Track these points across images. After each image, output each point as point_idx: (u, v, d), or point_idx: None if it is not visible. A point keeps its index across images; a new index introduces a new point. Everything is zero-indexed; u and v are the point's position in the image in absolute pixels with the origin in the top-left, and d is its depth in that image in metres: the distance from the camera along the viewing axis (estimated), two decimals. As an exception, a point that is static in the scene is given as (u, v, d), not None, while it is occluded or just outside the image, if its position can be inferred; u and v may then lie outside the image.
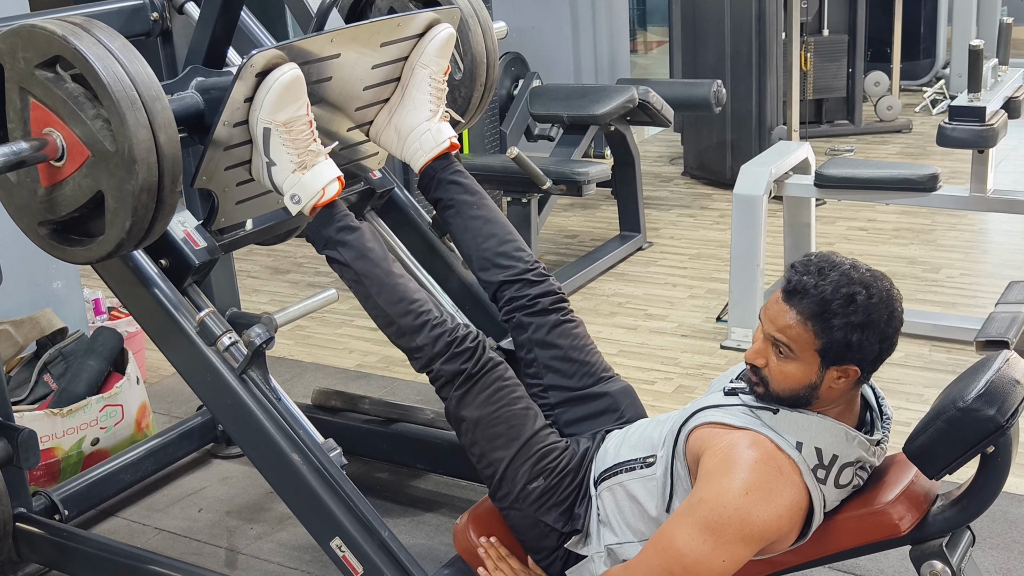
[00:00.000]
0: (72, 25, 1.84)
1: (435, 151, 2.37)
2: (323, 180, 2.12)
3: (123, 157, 1.82)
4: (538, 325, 2.32)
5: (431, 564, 2.55)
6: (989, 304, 3.85)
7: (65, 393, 3.18)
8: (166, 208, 1.92)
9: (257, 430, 2.13)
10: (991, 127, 3.65)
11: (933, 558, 1.90)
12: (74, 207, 1.93)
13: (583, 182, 4.33)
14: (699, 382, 3.62)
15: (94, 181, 1.88)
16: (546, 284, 2.36)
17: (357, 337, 4.22)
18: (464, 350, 2.11)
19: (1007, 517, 2.76)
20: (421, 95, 2.35)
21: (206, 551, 2.86)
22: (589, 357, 2.33)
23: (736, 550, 1.82)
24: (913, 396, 3.25)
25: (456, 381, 2.11)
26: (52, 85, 1.85)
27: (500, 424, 2.11)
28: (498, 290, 2.36)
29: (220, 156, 2.10)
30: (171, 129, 1.87)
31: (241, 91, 2.03)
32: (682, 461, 1.97)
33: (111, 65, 1.81)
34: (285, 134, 2.07)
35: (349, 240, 2.15)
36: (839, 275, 1.84)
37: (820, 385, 1.87)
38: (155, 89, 1.85)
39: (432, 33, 2.34)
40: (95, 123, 1.83)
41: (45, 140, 1.88)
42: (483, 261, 2.37)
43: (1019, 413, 1.81)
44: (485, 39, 2.54)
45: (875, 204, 5.11)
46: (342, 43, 2.17)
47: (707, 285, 4.52)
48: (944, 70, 7.62)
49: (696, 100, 5.16)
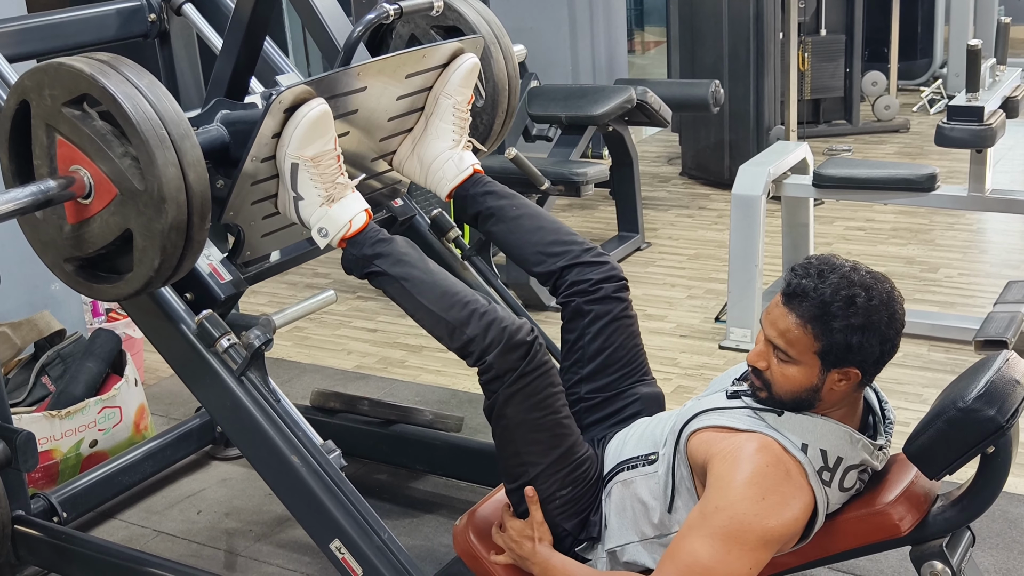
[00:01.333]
0: (99, 63, 1.81)
1: (458, 178, 2.35)
2: (350, 212, 2.09)
3: (152, 196, 1.80)
4: (597, 315, 2.26)
5: (430, 565, 2.55)
6: (987, 304, 3.86)
7: (63, 395, 3.18)
8: (195, 246, 1.90)
9: (256, 432, 2.13)
10: (989, 127, 3.65)
11: (933, 558, 1.90)
12: (101, 244, 1.91)
13: (581, 182, 4.32)
14: (698, 382, 3.62)
15: (122, 219, 1.85)
16: (607, 268, 2.29)
17: (356, 338, 4.22)
18: (519, 344, 1.99)
19: (1007, 517, 2.76)
20: (444, 124, 2.34)
21: (205, 553, 2.86)
22: (636, 357, 2.29)
23: (760, 555, 1.82)
24: (912, 396, 3.25)
25: (507, 378, 1.99)
26: (79, 123, 1.82)
27: (544, 431, 2.06)
28: (558, 278, 2.30)
29: (247, 191, 2.07)
30: (200, 167, 1.85)
31: (269, 127, 2.00)
32: (684, 462, 1.97)
33: (140, 103, 1.79)
34: (313, 169, 2.04)
35: (383, 251, 2.10)
36: (839, 277, 1.84)
37: (822, 388, 1.87)
38: (184, 127, 1.83)
39: (456, 63, 2.32)
40: (123, 161, 1.81)
41: (72, 178, 1.85)
42: (537, 255, 2.33)
43: (1019, 413, 1.81)
44: (507, 65, 2.53)
45: (873, 204, 5.11)
46: (368, 76, 2.16)
47: (705, 285, 4.52)
48: (942, 70, 7.63)
49: (694, 100, 5.16)
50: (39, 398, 3.29)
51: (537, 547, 2.06)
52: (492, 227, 2.38)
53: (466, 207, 2.39)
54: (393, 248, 2.11)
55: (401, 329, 4.19)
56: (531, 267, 2.36)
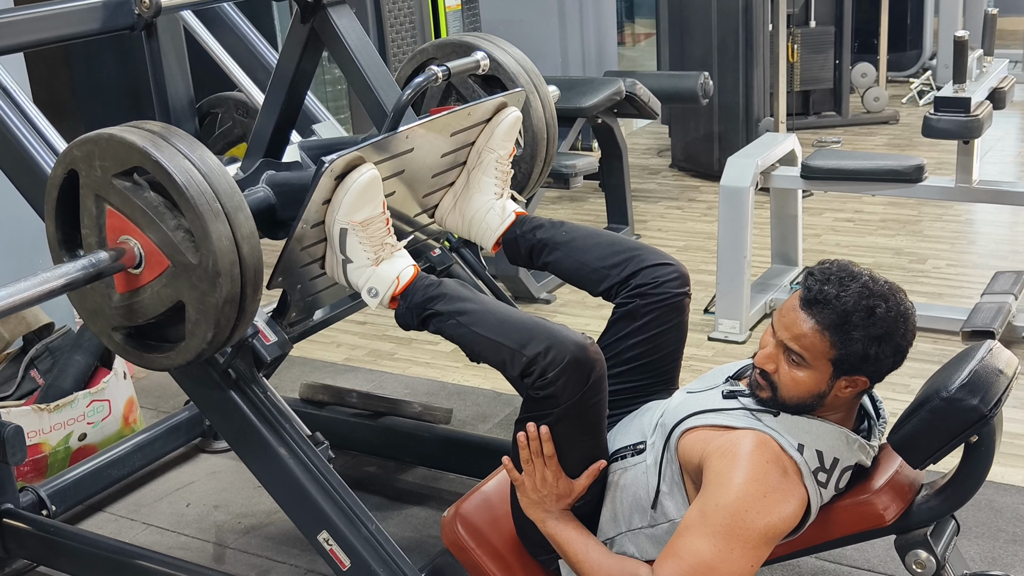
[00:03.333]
0: (151, 134, 1.80)
1: (502, 228, 2.32)
2: (397, 268, 2.07)
3: (207, 270, 1.78)
4: (651, 322, 2.17)
5: (419, 557, 2.55)
6: (975, 294, 3.87)
7: (52, 388, 3.18)
8: (247, 316, 1.89)
9: (243, 424, 2.13)
10: (976, 118, 3.66)
11: (918, 547, 1.92)
12: (152, 315, 1.89)
13: (570, 175, 4.33)
14: (687, 374, 3.61)
15: (175, 291, 1.84)
16: (673, 268, 2.21)
17: (345, 331, 4.22)
18: (584, 362, 1.88)
19: (993, 506, 2.77)
20: (487, 178, 2.32)
21: (194, 546, 2.86)
22: (672, 371, 2.24)
23: (761, 552, 1.83)
24: (899, 387, 3.25)
25: (564, 400, 1.90)
26: (131, 194, 1.80)
27: (583, 452, 2.01)
28: (622, 285, 2.21)
29: (296, 256, 2.06)
30: (254, 239, 1.83)
31: (320, 194, 1.99)
32: (674, 459, 1.97)
33: (194, 176, 1.77)
34: (362, 232, 2.02)
35: (435, 293, 2.05)
36: (860, 287, 1.84)
37: (828, 394, 1.88)
38: (237, 199, 1.81)
39: (499, 118, 2.30)
40: (176, 234, 1.79)
41: (123, 249, 1.84)
42: (599, 272, 2.24)
43: (1002, 402, 1.83)
44: (545, 113, 2.52)
45: (862, 195, 5.12)
46: (416, 137, 2.14)
47: (695, 277, 4.45)
48: (931, 61, 7.64)
49: (683, 92, 5.16)
50: (28, 392, 3.28)
51: (562, 505, 2.01)
52: (547, 258, 2.31)
53: (518, 248, 2.33)
54: (444, 289, 2.06)
55: (391, 322, 4.16)
56: (596, 284, 2.25)
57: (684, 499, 1.97)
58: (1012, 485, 2.87)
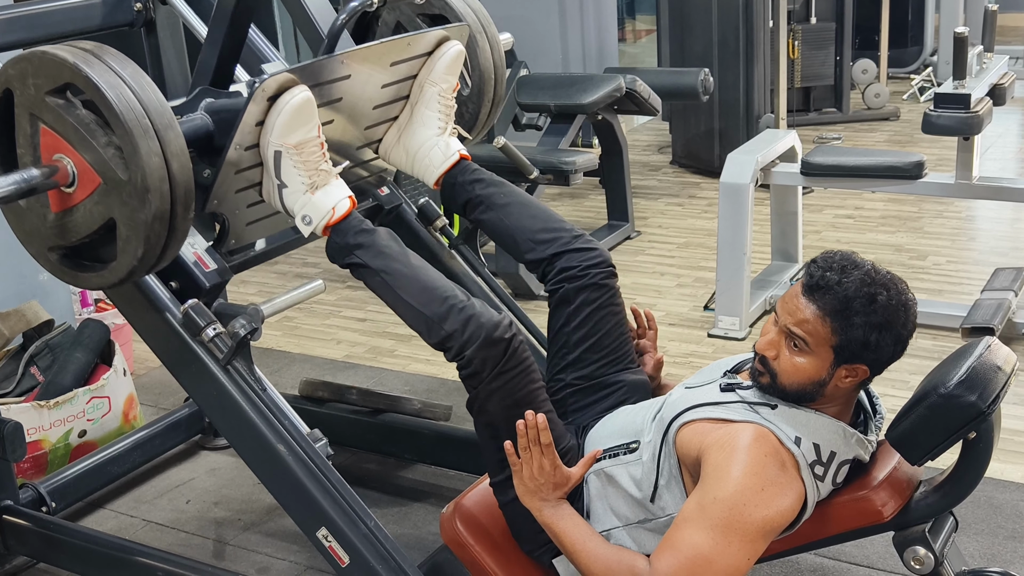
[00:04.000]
0: (83, 52, 1.81)
1: (445, 165, 2.36)
2: (333, 199, 2.10)
3: (136, 186, 1.79)
4: (583, 302, 2.26)
5: (418, 554, 2.55)
6: (975, 291, 3.87)
7: (52, 385, 3.18)
8: (178, 235, 1.90)
9: (242, 421, 2.13)
10: (976, 114, 3.65)
11: (916, 544, 1.92)
12: (85, 233, 1.91)
13: (570, 171, 4.32)
14: (686, 370, 3.63)
15: (106, 208, 1.85)
16: (596, 254, 2.29)
17: (345, 328, 4.22)
18: (498, 340, 1.99)
19: (992, 502, 2.77)
20: (430, 112, 2.34)
21: (194, 542, 2.87)
22: (622, 346, 2.30)
23: (758, 545, 1.83)
24: (899, 383, 3.26)
25: (487, 374, 2.00)
26: (63, 112, 1.82)
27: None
28: (548, 265, 2.30)
29: (231, 179, 2.07)
30: (184, 157, 1.85)
31: (253, 115, 2.00)
32: (672, 453, 1.97)
33: (124, 93, 1.78)
34: (296, 156, 2.04)
35: (364, 241, 2.10)
36: (862, 274, 1.85)
37: (828, 383, 1.88)
38: (167, 117, 1.83)
39: (441, 51, 2.32)
40: (107, 151, 1.80)
41: (56, 167, 1.85)
42: (527, 243, 2.33)
43: (1000, 399, 1.83)
44: (493, 54, 2.52)
45: (862, 192, 5.12)
46: (353, 64, 2.15)
47: (695, 274, 4.53)
48: (932, 57, 7.63)
49: (683, 89, 5.16)
50: (27, 388, 3.28)
51: (558, 494, 2.03)
52: (481, 215, 2.39)
53: (454, 195, 2.39)
54: (375, 240, 2.11)
55: (390, 318, 4.19)
56: (521, 255, 2.36)
57: (682, 493, 1.97)
58: (1011, 482, 2.87)
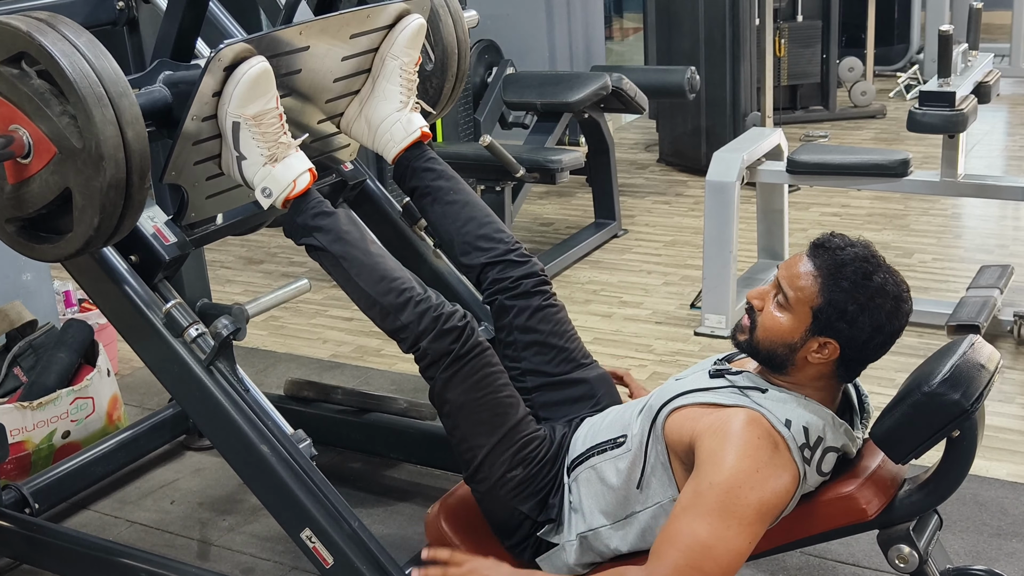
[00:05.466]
0: (37, 21, 1.81)
1: (406, 141, 2.36)
2: (294, 172, 2.10)
3: (90, 154, 1.80)
4: (520, 308, 2.30)
5: (403, 554, 2.54)
6: (961, 288, 3.88)
7: (35, 386, 3.16)
8: (135, 204, 1.90)
9: (225, 422, 2.12)
10: (960, 112, 3.66)
11: (900, 542, 1.92)
12: (42, 204, 1.91)
13: (557, 170, 4.32)
14: (673, 368, 3.63)
15: (61, 178, 1.86)
16: (528, 265, 2.35)
17: (331, 327, 4.21)
18: (452, 328, 2.06)
19: (976, 500, 2.77)
20: (392, 86, 2.34)
21: (178, 543, 2.85)
22: (569, 343, 2.33)
23: (757, 529, 1.83)
24: (885, 381, 3.26)
25: (443, 362, 2.06)
26: (17, 81, 1.82)
27: (485, 411, 2.09)
28: (480, 273, 2.35)
29: (189, 151, 2.07)
30: (139, 125, 1.85)
31: (209, 85, 2.00)
32: (660, 440, 1.96)
33: (77, 61, 1.78)
34: (255, 128, 2.05)
35: (324, 224, 2.12)
36: (868, 253, 1.89)
37: (798, 350, 1.88)
38: (122, 85, 1.83)
39: (402, 24, 2.32)
40: (61, 120, 1.81)
41: (11, 137, 1.85)
42: (464, 245, 2.36)
43: (984, 397, 1.82)
44: (456, 29, 2.52)
45: (848, 190, 5.12)
46: (311, 35, 2.15)
47: (681, 272, 4.53)
48: (918, 55, 7.64)
49: (670, 87, 5.16)
50: (11, 389, 3.26)
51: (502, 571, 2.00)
52: (427, 206, 2.42)
53: (405, 178, 2.41)
54: (334, 223, 2.12)
55: (377, 317, 4.18)
56: (456, 256, 2.39)
57: (670, 479, 1.97)
58: (996, 479, 2.88)
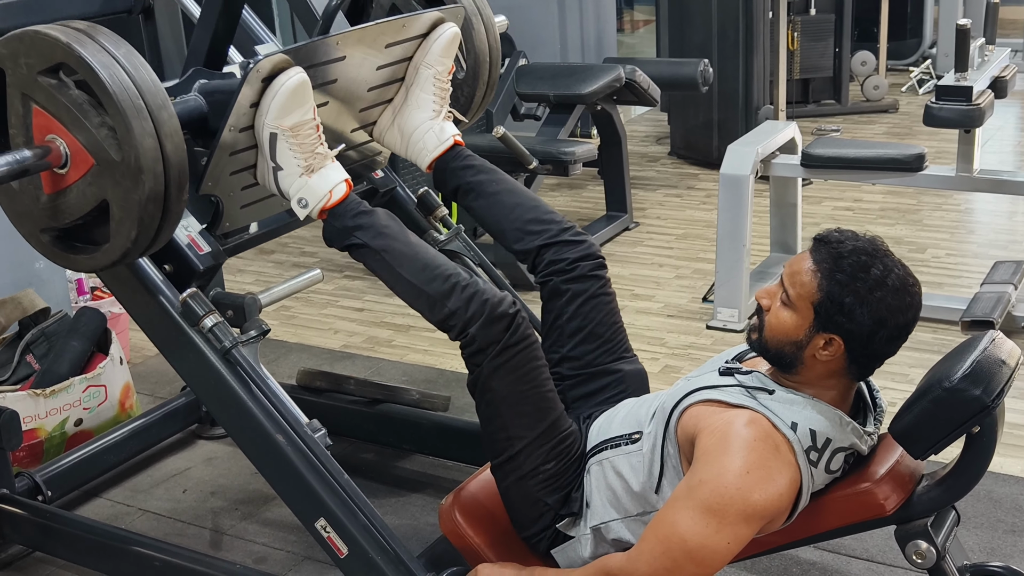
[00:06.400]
0: (75, 31, 1.79)
1: (439, 149, 2.34)
2: (330, 183, 2.08)
3: (129, 166, 1.78)
4: (574, 293, 2.26)
5: (416, 544, 2.54)
6: (975, 284, 3.86)
7: (48, 374, 3.16)
8: (172, 217, 1.88)
9: (241, 411, 2.12)
10: (978, 107, 3.64)
11: (918, 538, 1.91)
12: (78, 215, 1.89)
13: (569, 162, 4.31)
14: (685, 362, 3.62)
15: (99, 189, 1.84)
16: (584, 246, 2.30)
17: (342, 317, 4.21)
18: (501, 316, 1.99)
19: (992, 496, 2.76)
20: (425, 95, 2.32)
21: (190, 532, 2.85)
22: (615, 335, 2.30)
23: (740, 531, 1.81)
24: (899, 376, 3.25)
25: (491, 350, 2.00)
26: (55, 92, 1.80)
27: (529, 404, 2.06)
28: (536, 256, 2.31)
29: (226, 161, 2.05)
30: (178, 137, 1.83)
31: (247, 96, 1.98)
32: (673, 441, 1.96)
33: (117, 73, 1.76)
34: (292, 138, 2.03)
35: (363, 223, 2.09)
36: (871, 247, 1.87)
37: (805, 348, 1.87)
38: (161, 97, 1.81)
39: (437, 33, 2.30)
40: (100, 131, 1.79)
41: (48, 148, 1.83)
42: (515, 232, 2.33)
43: (1005, 393, 1.82)
44: (488, 37, 2.50)
45: (861, 184, 5.11)
46: (348, 45, 2.14)
47: (693, 265, 4.52)
48: (931, 50, 7.62)
49: (683, 79, 5.14)
50: (23, 377, 3.27)
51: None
52: (471, 202, 2.38)
53: (446, 180, 2.39)
54: (374, 220, 2.10)
55: (388, 308, 4.18)
56: (509, 244, 2.35)
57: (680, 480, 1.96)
58: (1011, 475, 2.87)
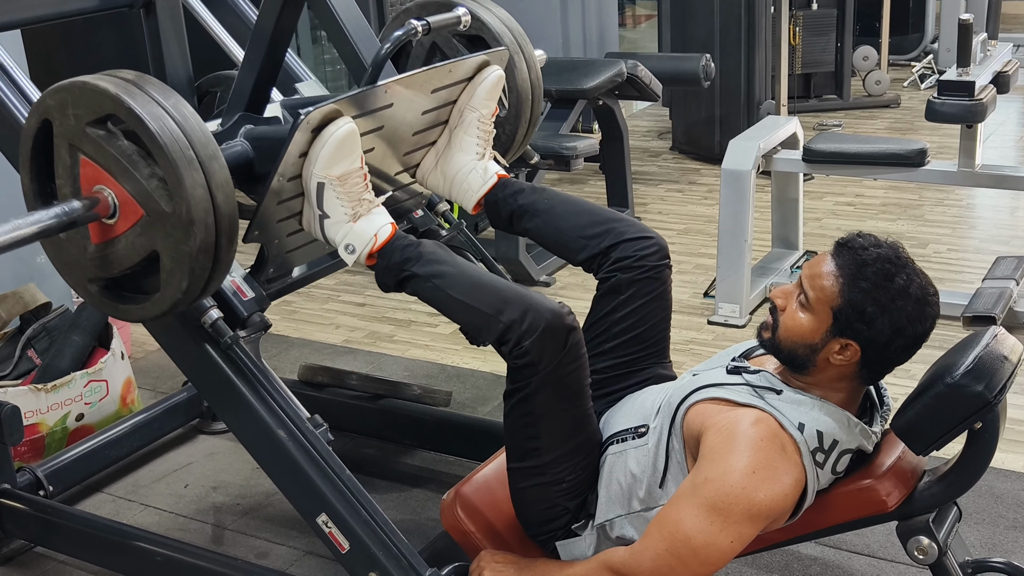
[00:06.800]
0: (124, 82, 1.78)
1: (484, 188, 2.30)
2: (375, 226, 2.06)
3: (180, 218, 1.76)
4: (635, 293, 2.20)
5: (418, 540, 2.54)
6: (976, 279, 3.86)
7: (49, 368, 3.17)
8: (222, 266, 1.87)
9: (242, 406, 2.12)
10: (980, 102, 3.64)
11: (920, 534, 1.91)
12: (127, 265, 1.88)
13: (571, 157, 4.30)
14: (687, 357, 3.62)
15: (149, 241, 1.82)
16: (652, 242, 2.23)
17: (344, 312, 4.21)
18: (559, 328, 1.92)
19: (993, 492, 2.76)
20: (469, 137, 2.30)
21: (192, 527, 2.86)
22: (662, 341, 2.27)
23: (743, 529, 1.81)
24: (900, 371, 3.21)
25: (542, 368, 1.93)
26: (104, 143, 1.79)
27: (568, 421, 2.04)
28: (603, 257, 2.24)
29: (274, 209, 2.04)
30: (228, 188, 1.82)
31: (296, 146, 1.97)
32: (678, 437, 1.96)
33: (167, 124, 1.75)
34: (339, 187, 2.01)
35: (412, 255, 2.05)
36: (893, 254, 1.86)
37: (819, 351, 1.87)
38: (212, 148, 1.80)
39: (481, 76, 2.27)
40: (150, 182, 1.77)
41: (97, 199, 1.82)
42: (578, 241, 2.26)
43: (1007, 389, 1.82)
44: (530, 75, 2.47)
45: (863, 179, 5.10)
46: (395, 93, 2.12)
47: (695, 260, 4.51)
48: (932, 44, 7.61)
49: (685, 74, 5.13)
50: (25, 371, 3.27)
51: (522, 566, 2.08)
52: (527, 224, 2.31)
53: (498, 211, 2.33)
54: (421, 251, 2.06)
55: (390, 303, 4.18)
56: (575, 255, 2.28)
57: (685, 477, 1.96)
58: (1013, 471, 2.87)
